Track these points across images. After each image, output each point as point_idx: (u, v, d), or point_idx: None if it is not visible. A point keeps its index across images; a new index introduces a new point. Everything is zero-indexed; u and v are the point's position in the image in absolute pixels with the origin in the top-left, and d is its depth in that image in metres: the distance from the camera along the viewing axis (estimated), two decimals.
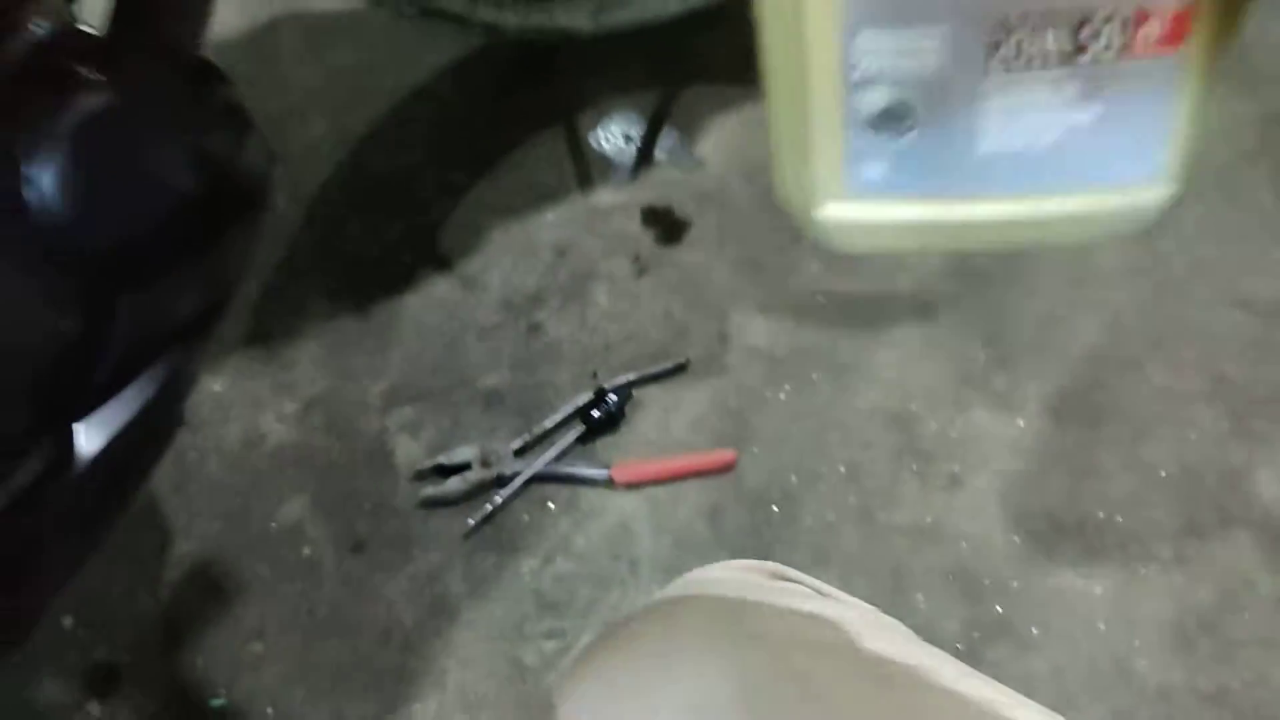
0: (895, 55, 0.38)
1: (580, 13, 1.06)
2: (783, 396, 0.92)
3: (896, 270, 0.99)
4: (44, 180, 0.43)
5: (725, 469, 0.88)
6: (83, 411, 0.50)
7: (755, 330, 0.96)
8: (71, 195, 0.44)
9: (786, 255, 1.00)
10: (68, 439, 0.50)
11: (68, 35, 0.43)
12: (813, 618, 0.42)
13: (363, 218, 1.03)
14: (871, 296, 0.97)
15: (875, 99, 0.39)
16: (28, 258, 0.44)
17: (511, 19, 1.04)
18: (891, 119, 0.40)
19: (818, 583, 0.48)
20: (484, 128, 1.09)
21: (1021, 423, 0.90)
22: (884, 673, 0.41)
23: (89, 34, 0.47)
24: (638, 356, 0.94)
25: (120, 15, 0.50)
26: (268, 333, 0.96)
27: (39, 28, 0.42)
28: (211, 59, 0.63)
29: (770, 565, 0.48)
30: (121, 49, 0.49)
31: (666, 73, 1.13)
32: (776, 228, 1.02)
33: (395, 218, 1.03)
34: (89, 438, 0.51)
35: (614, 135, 1.08)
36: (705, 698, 0.38)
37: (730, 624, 0.40)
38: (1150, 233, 0.44)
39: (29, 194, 0.42)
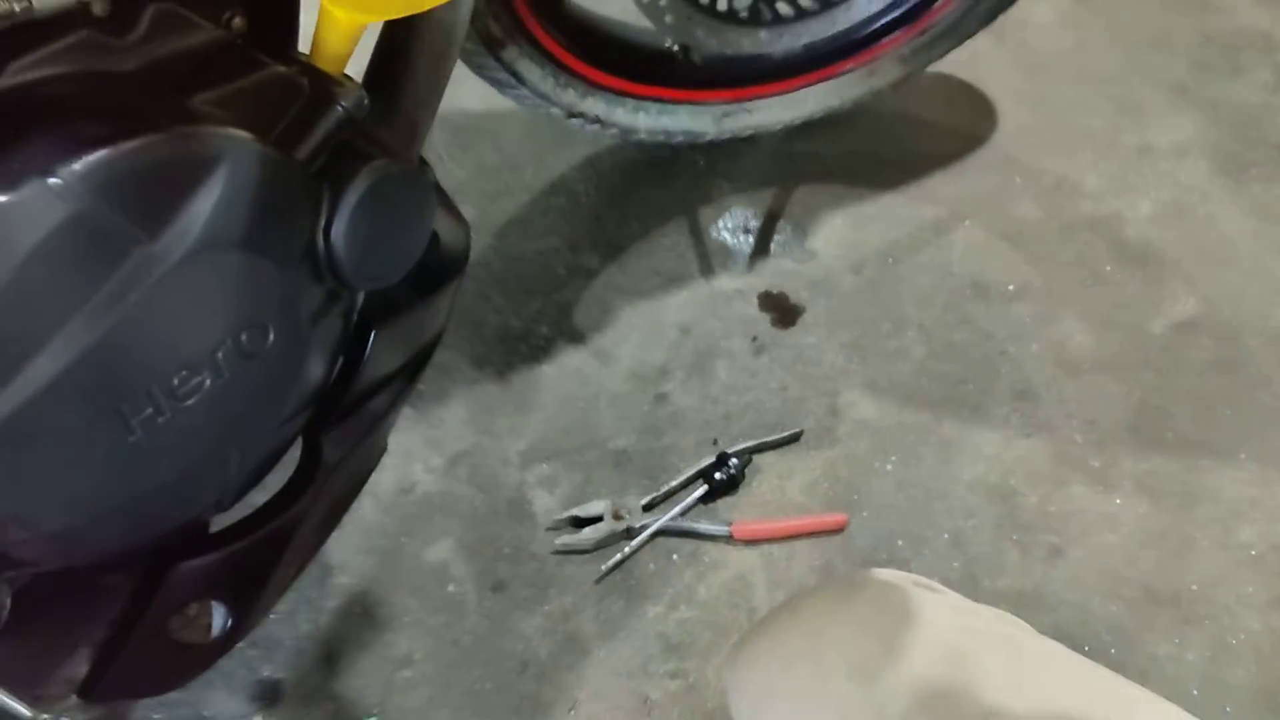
0: None
1: (706, 118, 1.18)
2: (889, 467, 0.99)
3: (998, 358, 1.06)
4: (339, 231, 0.53)
5: (836, 531, 0.95)
6: (330, 427, 0.60)
7: (864, 406, 1.03)
8: (355, 245, 0.54)
9: (892, 341, 1.08)
10: (318, 448, 0.60)
11: (362, 111, 0.54)
12: (974, 609, 0.49)
13: (505, 294, 1.14)
14: (974, 380, 1.05)
15: None
16: (320, 293, 0.55)
17: (643, 121, 1.16)
18: None
19: (958, 596, 0.55)
20: (615, 218, 1.21)
21: (1119, 500, 0.96)
22: (1047, 661, 0.47)
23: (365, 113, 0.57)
24: (755, 426, 1.02)
25: (376, 101, 0.62)
26: (420, 393, 1.06)
27: (342, 106, 0.53)
28: None
29: (918, 576, 0.55)
30: (382, 131, 0.60)
31: (783, 172, 1.24)
32: (882, 316, 1.10)
33: (534, 295, 1.14)
34: (330, 450, 0.61)
35: (734, 227, 1.19)
36: (870, 664, 0.45)
37: (896, 603, 0.47)
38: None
39: (330, 240, 0.53)
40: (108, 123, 0.45)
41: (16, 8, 0.44)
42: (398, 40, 0.62)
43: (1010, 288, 1.12)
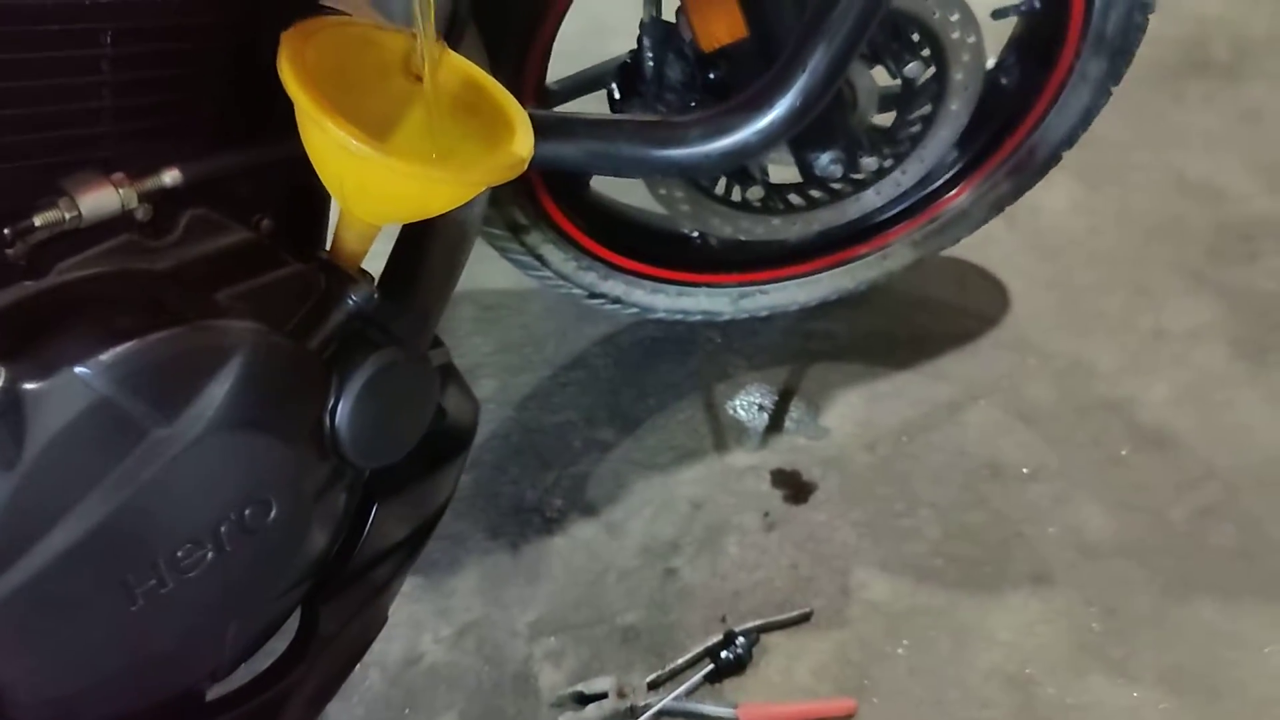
0: None
1: (723, 299, 1.23)
2: (901, 651, 0.98)
3: (1014, 540, 1.06)
4: (344, 413, 0.56)
5: (846, 718, 0.93)
6: (329, 598, 0.61)
7: (876, 587, 1.03)
8: (358, 427, 0.57)
9: (906, 520, 1.08)
10: (315, 619, 0.61)
11: (370, 305, 0.58)
12: None
13: (522, 466, 1.17)
14: (989, 562, 1.04)
15: None
16: (325, 471, 0.57)
17: (662, 301, 1.21)
18: None
19: None
20: (632, 393, 1.24)
21: (1138, 694, 0.93)
22: None
23: (380, 304, 0.62)
24: (765, 604, 1.01)
25: (390, 293, 0.66)
26: (433, 562, 1.08)
27: (353, 300, 0.57)
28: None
29: None
30: (394, 318, 0.64)
31: (798, 350, 1.27)
32: (895, 495, 1.11)
33: (550, 468, 1.16)
34: (327, 621, 0.62)
35: (748, 404, 1.21)
36: None
37: None
38: None
39: (335, 422, 0.56)
40: (137, 317, 0.49)
41: (67, 216, 0.49)
42: (415, 236, 0.67)
43: (1026, 469, 1.12)
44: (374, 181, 0.51)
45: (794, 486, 1.12)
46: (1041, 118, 1.13)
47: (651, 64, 0.89)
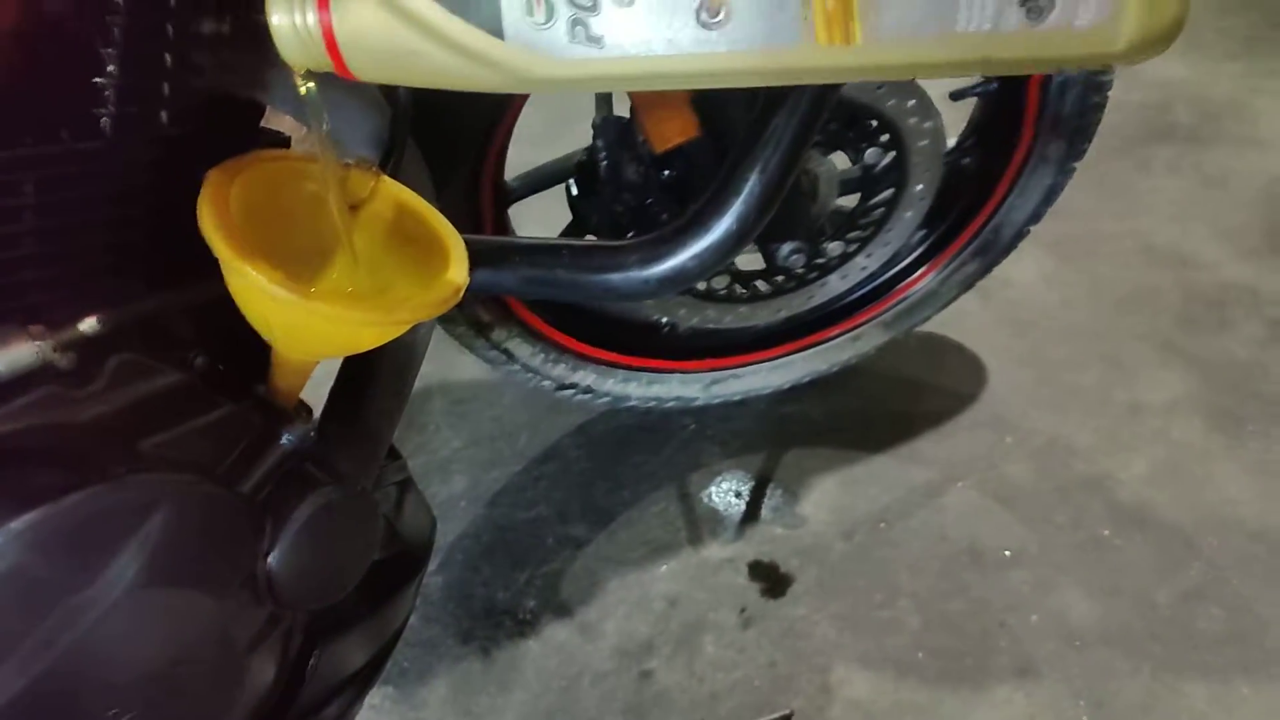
0: None
1: (696, 385, 1.21)
2: None
3: (997, 630, 1.03)
4: (279, 556, 0.54)
5: None
6: None
7: (857, 684, 1.00)
8: (295, 570, 0.55)
9: (885, 611, 1.05)
10: None
11: (307, 442, 0.56)
12: None
13: (494, 566, 1.14)
14: (971, 655, 1.01)
15: None
16: (260, 618, 0.55)
17: (634, 390, 1.19)
18: None
19: None
20: (605, 485, 1.22)
21: None
22: None
23: (319, 440, 0.60)
24: (743, 706, 0.98)
25: (331, 419, 0.64)
26: (403, 671, 1.04)
27: (288, 438, 0.55)
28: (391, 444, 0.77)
29: None
30: (336, 450, 0.62)
31: (773, 435, 1.25)
32: (874, 585, 1.08)
33: (522, 567, 1.13)
34: None
35: (724, 493, 1.19)
36: None
37: None
38: None
39: (270, 566, 0.54)
40: (52, 476, 0.47)
41: None
42: (357, 363, 0.65)
43: (1006, 553, 1.10)
44: (299, 324, 0.49)
45: (771, 579, 1.10)
46: (1005, 197, 1.12)
47: (606, 163, 0.88)
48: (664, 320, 1.17)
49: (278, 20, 0.44)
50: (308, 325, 0.50)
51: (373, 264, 0.57)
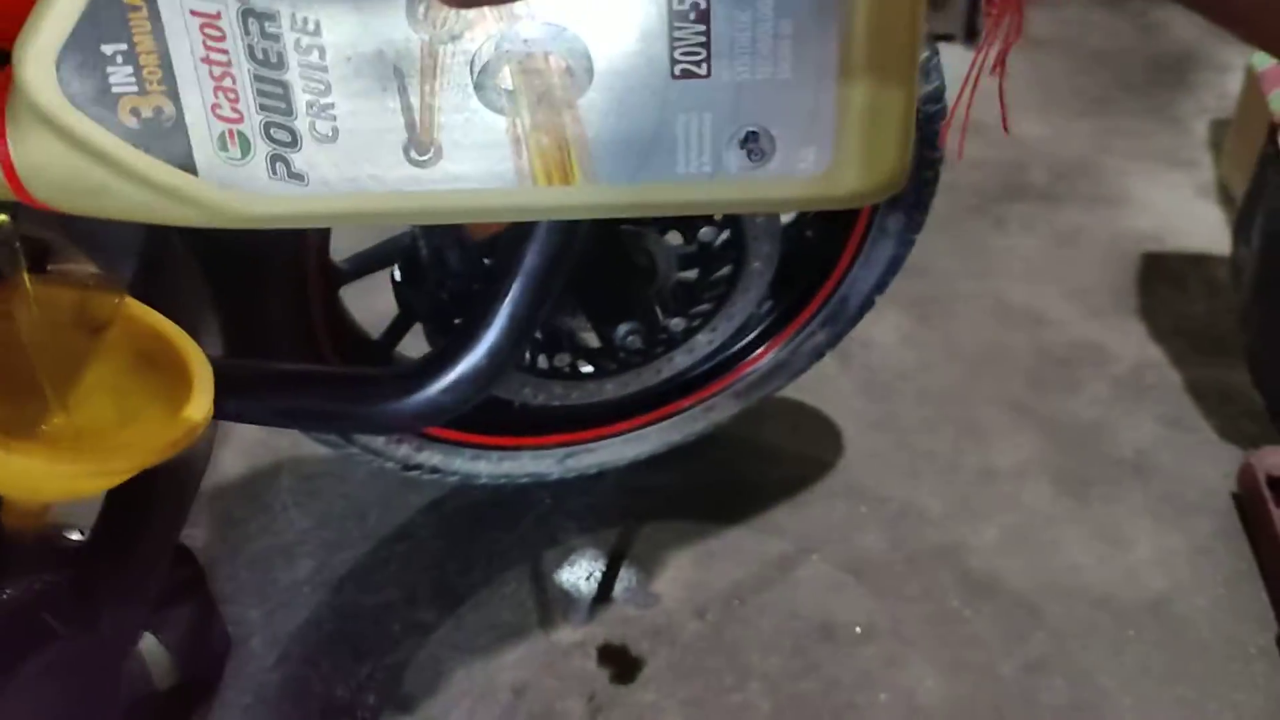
0: None
1: (549, 460, 1.19)
2: None
3: (846, 711, 1.02)
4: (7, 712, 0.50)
5: None
6: None
7: None
8: None
9: (736, 695, 1.03)
10: None
11: (39, 590, 0.52)
12: None
13: (334, 659, 1.09)
14: None
15: None
16: None
17: (484, 468, 1.16)
18: None
19: None
20: (457, 565, 1.18)
21: None
22: None
23: (62, 578, 0.55)
24: None
25: (93, 551, 0.60)
26: None
27: (9, 593, 0.51)
28: (187, 548, 0.73)
29: None
30: (91, 589, 0.58)
31: (629, 508, 1.23)
32: (725, 666, 1.06)
33: (365, 659, 1.09)
34: None
35: (576, 572, 1.16)
36: None
37: None
38: None
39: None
40: None
41: None
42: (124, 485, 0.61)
43: (858, 629, 1.09)
44: (5, 477, 0.45)
45: (621, 664, 1.07)
46: (849, 269, 1.13)
47: (428, 250, 0.85)
48: (510, 399, 1.15)
49: None
50: (20, 476, 0.46)
51: (118, 391, 0.54)
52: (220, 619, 0.73)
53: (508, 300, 0.51)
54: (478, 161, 0.38)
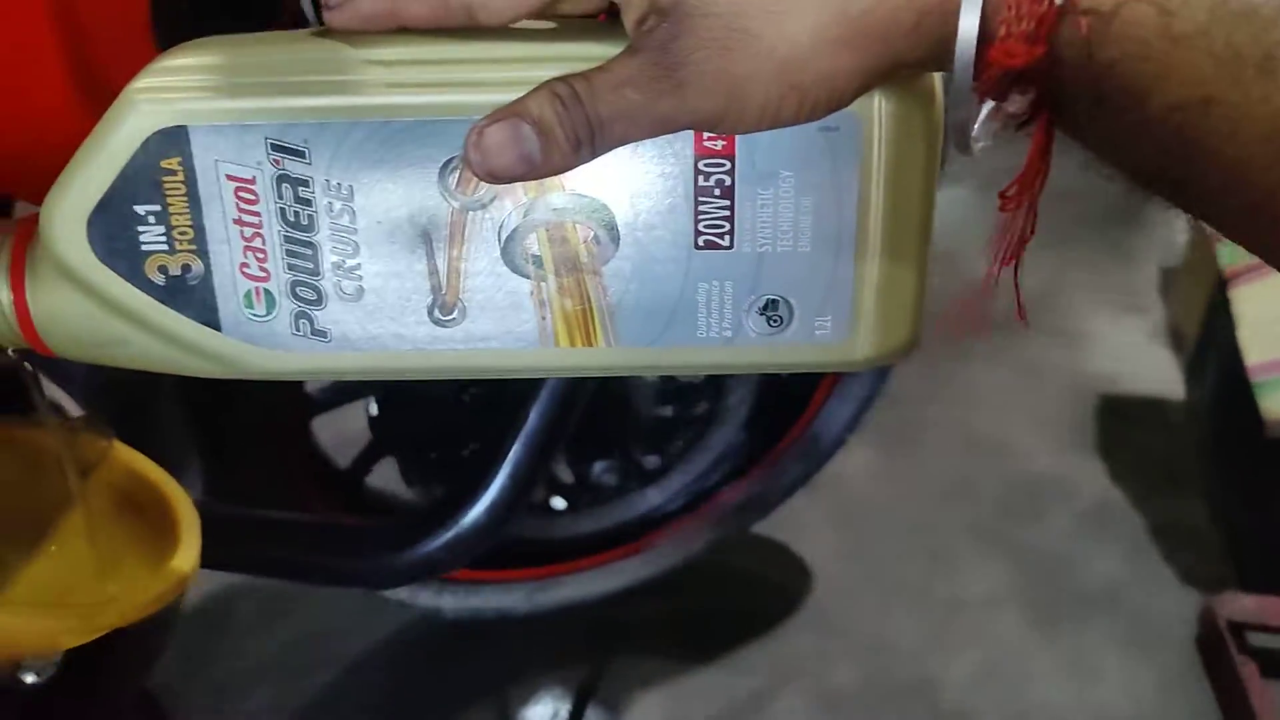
0: None
1: (516, 594, 1.16)
2: None
3: None
4: None
5: None
6: None
7: None
8: None
9: None
10: None
11: None
12: None
13: None
14: None
15: None
16: None
17: (449, 601, 1.13)
18: None
19: None
20: (416, 702, 1.14)
21: None
22: None
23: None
24: None
25: (64, 675, 0.57)
26: None
27: None
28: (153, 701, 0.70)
29: None
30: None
31: (598, 645, 1.20)
32: None
33: None
34: None
35: (542, 711, 1.13)
36: None
37: None
38: None
39: None
40: None
41: None
42: None
43: None
44: None
45: None
46: (822, 405, 1.14)
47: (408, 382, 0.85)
48: None
49: None
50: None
51: (99, 536, 0.52)
52: None
53: (511, 456, 0.51)
54: (501, 322, 0.39)
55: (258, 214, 0.37)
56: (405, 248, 0.38)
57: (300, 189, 0.37)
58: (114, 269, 0.38)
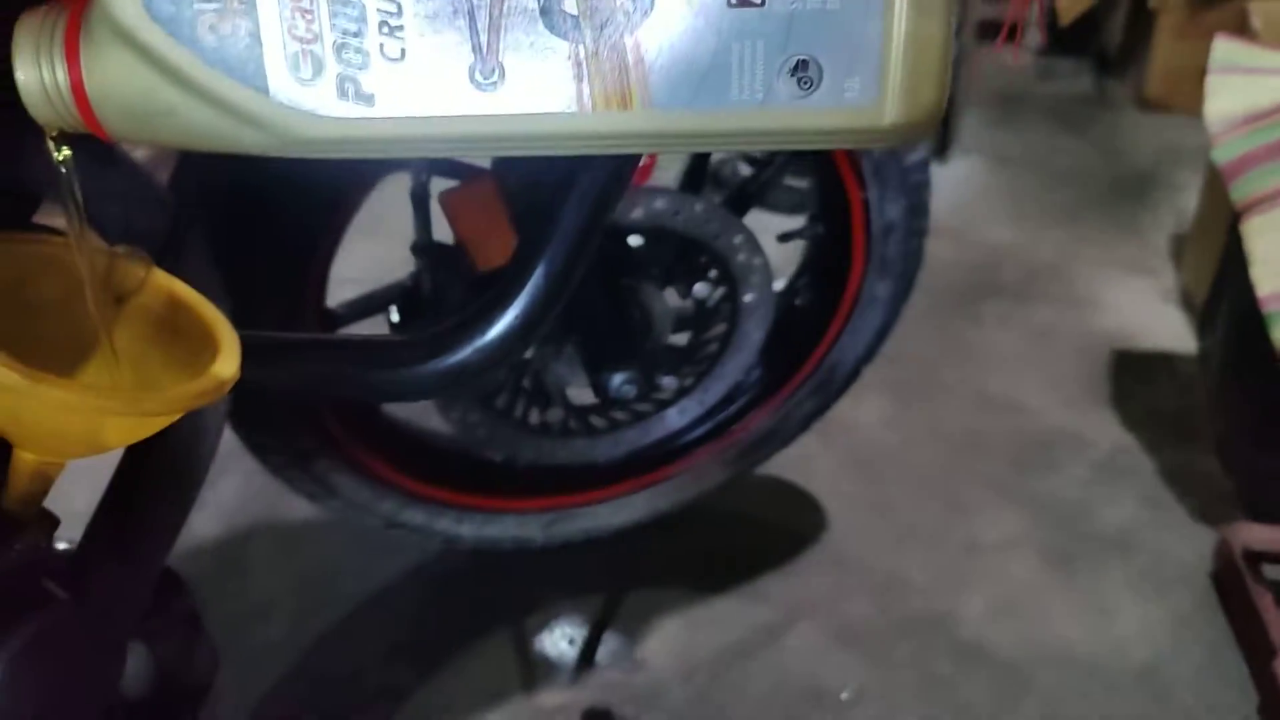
0: None
1: (534, 525, 1.17)
2: None
3: None
4: None
5: None
6: None
7: None
8: (17, 702, 0.48)
9: None
10: None
11: (40, 555, 0.50)
12: None
13: None
14: None
15: None
16: None
17: (468, 530, 1.14)
18: None
19: None
20: (434, 631, 1.15)
21: None
22: None
23: (62, 551, 0.54)
24: None
25: (94, 533, 0.58)
26: None
27: (16, 550, 0.50)
28: (174, 569, 0.71)
29: None
30: (91, 566, 0.56)
31: (614, 575, 1.21)
32: None
33: None
34: None
35: (559, 637, 1.13)
36: None
37: None
38: None
39: None
40: None
41: None
42: (130, 469, 0.60)
43: (846, 694, 1.07)
44: (29, 412, 0.45)
45: None
46: (837, 337, 1.15)
47: (429, 286, 0.86)
48: (500, 456, 1.14)
49: (24, 76, 0.41)
50: (43, 416, 0.45)
51: (138, 360, 0.53)
52: (208, 638, 0.70)
53: (544, 262, 0.52)
54: (539, 85, 0.40)
55: None
56: (447, 6, 0.39)
57: None
58: (166, 29, 0.39)
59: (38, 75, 0.41)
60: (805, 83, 0.40)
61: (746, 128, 0.41)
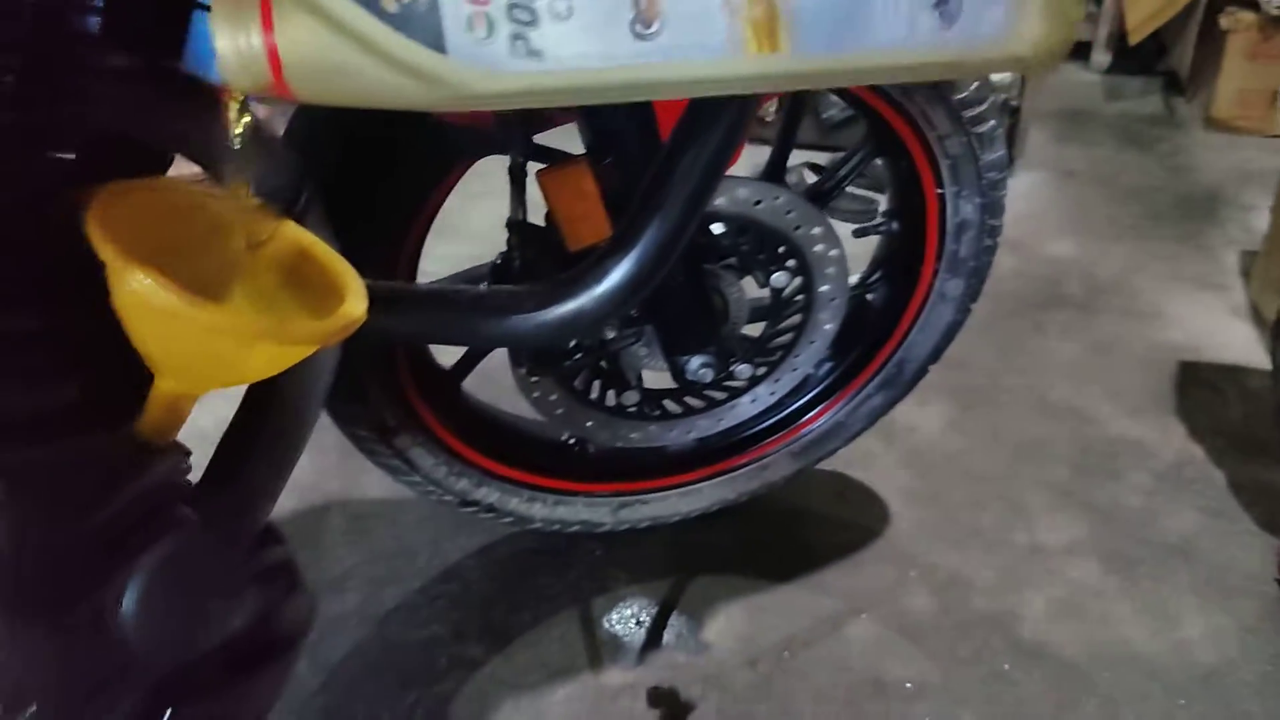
0: None
1: (603, 508, 1.20)
2: None
3: None
4: (130, 601, 0.51)
5: None
6: None
7: None
8: (147, 617, 0.52)
9: None
10: None
11: (173, 480, 0.54)
12: None
13: (379, 686, 1.08)
14: None
15: None
16: (104, 665, 0.51)
17: (539, 511, 1.17)
18: None
19: None
20: (505, 606, 1.18)
21: None
22: None
23: (198, 484, 0.58)
24: None
25: (217, 468, 0.62)
26: None
27: (154, 474, 0.53)
28: (273, 522, 0.74)
29: None
30: (215, 497, 0.60)
31: (679, 562, 1.23)
32: (777, 714, 1.05)
33: (410, 687, 1.08)
34: None
35: (626, 619, 1.16)
36: None
37: None
38: None
39: (120, 611, 0.50)
40: None
41: None
42: (250, 409, 0.64)
43: (909, 685, 1.08)
44: (183, 338, 0.48)
45: (671, 706, 1.06)
46: (907, 333, 1.17)
47: (520, 263, 0.90)
48: (573, 440, 1.17)
49: (223, 44, 0.45)
50: (192, 340, 0.49)
51: (268, 304, 0.57)
52: (306, 588, 0.73)
53: (660, 216, 0.55)
54: (696, 32, 0.43)
55: None
56: None
57: None
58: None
59: (234, 45, 0.45)
60: (946, 16, 0.42)
61: (889, 64, 0.43)
